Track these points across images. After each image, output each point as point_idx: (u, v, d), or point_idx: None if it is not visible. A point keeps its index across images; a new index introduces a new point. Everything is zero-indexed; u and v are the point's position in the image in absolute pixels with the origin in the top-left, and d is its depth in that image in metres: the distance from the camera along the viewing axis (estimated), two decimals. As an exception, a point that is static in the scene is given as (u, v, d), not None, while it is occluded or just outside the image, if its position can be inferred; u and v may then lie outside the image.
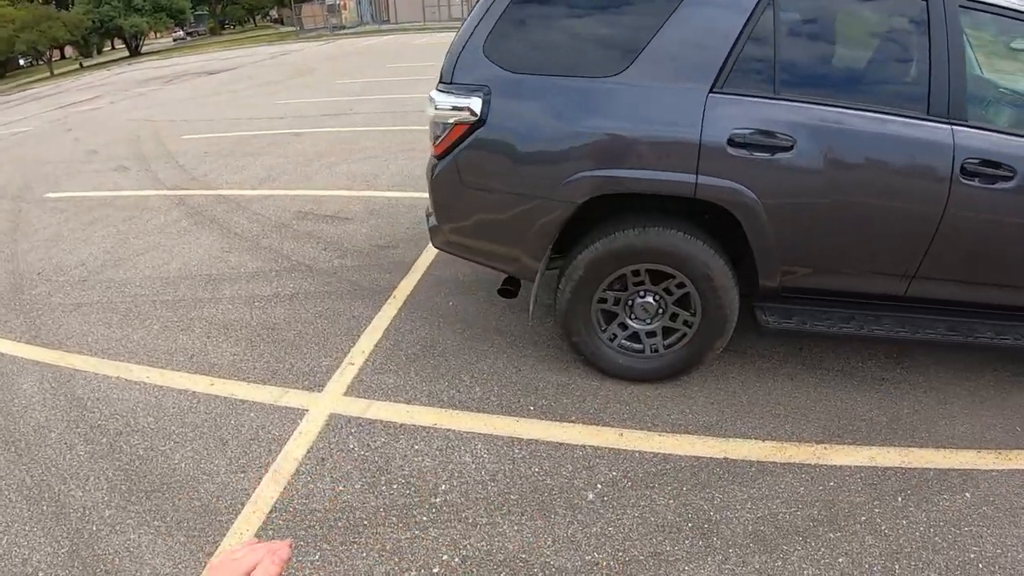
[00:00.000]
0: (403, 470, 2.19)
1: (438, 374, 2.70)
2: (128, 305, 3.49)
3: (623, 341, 2.51)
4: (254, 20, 47.95)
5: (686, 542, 1.91)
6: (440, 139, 2.30)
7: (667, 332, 2.47)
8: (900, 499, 2.05)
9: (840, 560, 1.85)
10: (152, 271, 3.92)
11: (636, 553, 1.88)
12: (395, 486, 2.13)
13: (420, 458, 2.24)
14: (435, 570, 1.84)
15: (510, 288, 2.68)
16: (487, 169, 2.27)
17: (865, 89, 2.12)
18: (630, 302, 2.43)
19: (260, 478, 2.19)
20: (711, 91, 2.06)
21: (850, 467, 2.17)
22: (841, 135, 2.05)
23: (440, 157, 2.33)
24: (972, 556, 1.85)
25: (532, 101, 2.18)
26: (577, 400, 2.51)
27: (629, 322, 2.47)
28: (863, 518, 1.98)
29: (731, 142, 2.05)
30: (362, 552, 1.90)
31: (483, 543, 1.91)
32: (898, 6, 2.08)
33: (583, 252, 2.31)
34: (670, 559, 1.85)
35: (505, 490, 2.10)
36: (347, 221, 4.53)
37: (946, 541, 1.90)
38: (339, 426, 2.42)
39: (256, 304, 3.38)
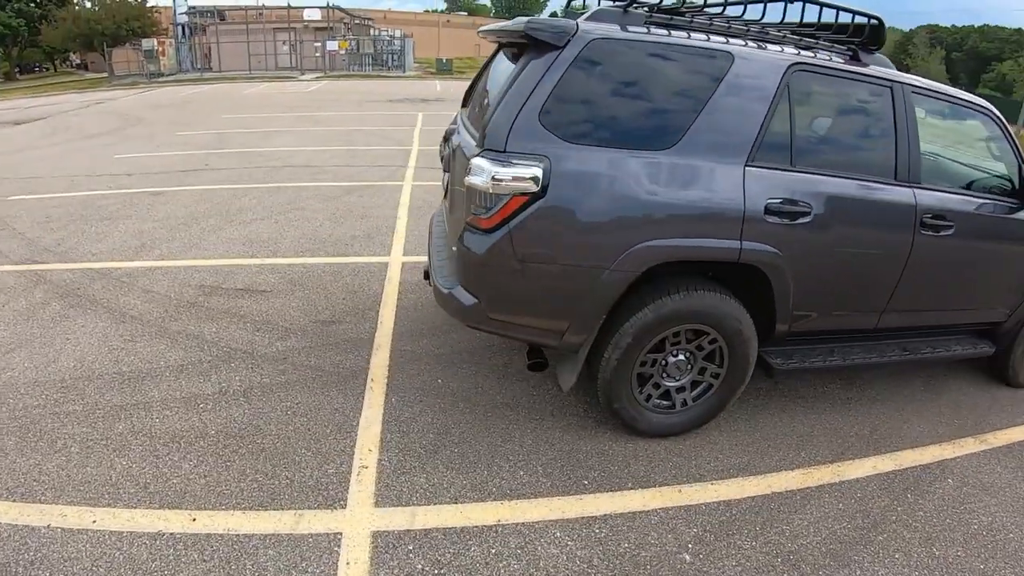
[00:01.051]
0: (493, 581, 1.92)
1: (470, 463, 2.44)
2: (22, 423, 2.55)
3: (656, 400, 2.54)
4: (55, 65, 39.78)
5: (784, 574, 1.99)
6: (493, 211, 2.14)
7: (693, 385, 2.57)
8: (910, 496, 2.38)
9: (897, 556, 2.10)
10: (38, 372, 2.94)
11: (756, 609, 1.89)
12: (494, 602, 1.85)
13: (505, 562, 1.99)
14: None
15: (540, 360, 2.56)
16: (546, 242, 2.17)
17: (853, 160, 2.52)
18: (664, 362, 2.48)
19: (324, 633, 1.73)
20: (746, 165, 2.26)
21: (864, 478, 2.47)
22: (842, 199, 2.41)
23: (490, 231, 2.17)
24: (976, 527, 2.25)
25: (591, 173, 2.16)
26: (622, 465, 2.46)
27: (663, 381, 2.52)
28: (893, 518, 2.27)
29: (767, 210, 2.27)
30: None
31: (623, 643, 1.75)
32: (872, 93, 2.53)
33: (632, 319, 2.31)
34: (789, 607, 1.90)
35: (609, 574, 1.96)
36: (268, 295, 3.92)
37: (955, 520, 2.28)
38: (391, 546, 2.03)
39: (203, 406, 2.72)
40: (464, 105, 3.31)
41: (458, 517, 2.16)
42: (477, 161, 2.16)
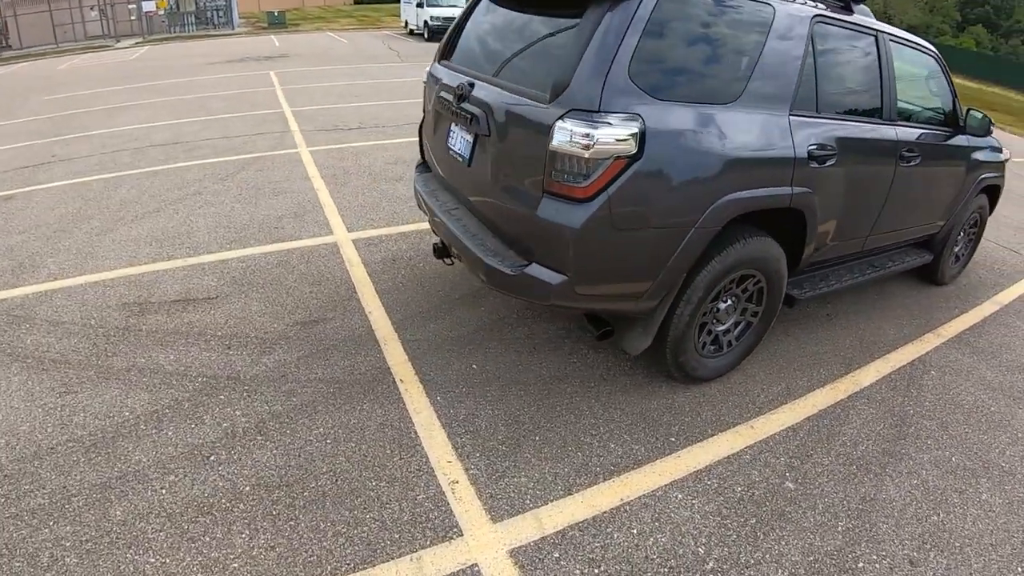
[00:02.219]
0: (653, 560, 1.70)
1: (559, 448, 2.13)
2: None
3: (708, 346, 2.42)
4: None
5: (865, 477, 2.10)
6: (592, 178, 1.75)
7: (734, 325, 2.49)
8: (913, 391, 2.60)
9: (929, 442, 2.30)
10: (-47, 477, 1.93)
11: (853, 504, 1.97)
12: (668, 587, 1.64)
13: (652, 538, 1.78)
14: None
15: (609, 328, 2.27)
16: (641, 205, 1.86)
17: (856, 103, 2.51)
18: (716, 309, 2.35)
19: None
20: (790, 114, 2.11)
21: (875, 382, 2.65)
22: (854, 140, 2.40)
23: (587, 200, 1.78)
24: (967, 407, 2.54)
25: (678, 130, 1.87)
26: (693, 414, 2.34)
27: (714, 327, 2.39)
28: (911, 411, 2.47)
29: (809, 156, 2.17)
30: None
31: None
32: (865, 40, 2.52)
33: (702, 273, 2.11)
34: (873, 495, 2.02)
35: (741, 520, 1.86)
36: (216, 301, 3.05)
37: (952, 405, 2.54)
38: (536, 560, 1.69)
39: (214, 459, 2.02)
40: (446, 58, 2.72)
41: (584, 508, 1.88)
42: (567, 124, 1.74)
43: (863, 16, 2.58)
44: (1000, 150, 3.39)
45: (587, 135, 1.73)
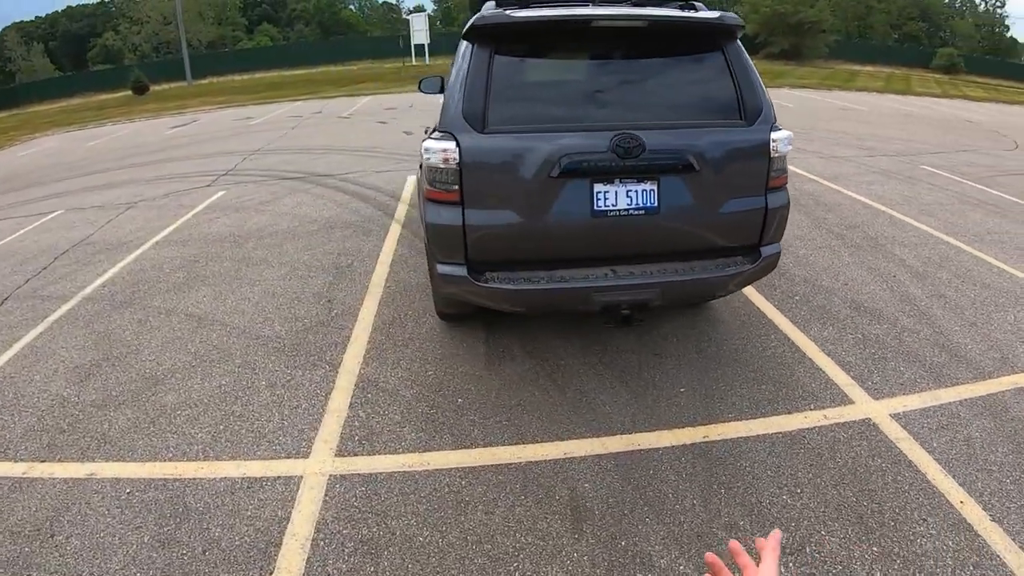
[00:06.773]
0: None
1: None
2: None
3: None
4: None
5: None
6: (788, 169, 2.57)
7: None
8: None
9: None
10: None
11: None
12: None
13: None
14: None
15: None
16: None
17: None
18: None
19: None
20: None
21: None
22: None
23: (785, 184, 2.58)
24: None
25: None
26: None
27: None
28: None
29: None
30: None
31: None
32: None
33: None
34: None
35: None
36: None
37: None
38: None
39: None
40: (487, 125, 2.23)
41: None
42: (778, 135, 2.37)
43: None
44: None
45: (788, 139, 2.39)
